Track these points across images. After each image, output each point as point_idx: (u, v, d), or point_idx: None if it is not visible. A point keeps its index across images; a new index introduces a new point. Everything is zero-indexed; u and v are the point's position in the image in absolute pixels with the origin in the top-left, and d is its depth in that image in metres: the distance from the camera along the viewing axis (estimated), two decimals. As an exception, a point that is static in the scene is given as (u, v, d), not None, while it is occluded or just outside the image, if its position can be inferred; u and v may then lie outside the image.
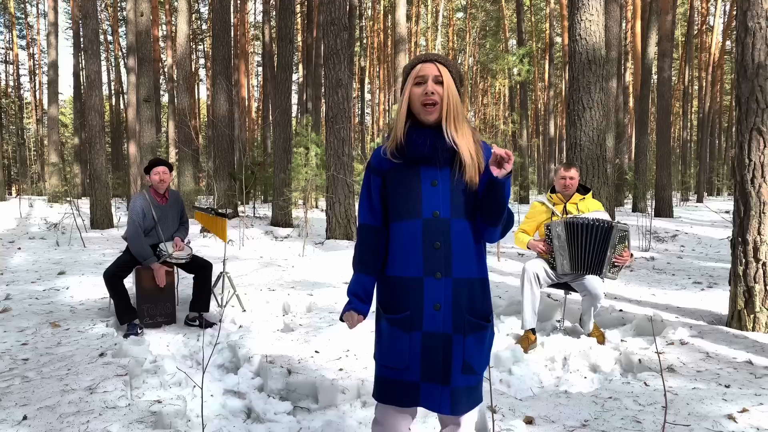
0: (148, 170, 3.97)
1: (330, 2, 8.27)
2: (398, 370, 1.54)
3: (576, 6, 6.18)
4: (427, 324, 1.52)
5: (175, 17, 22.87)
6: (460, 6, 38.32)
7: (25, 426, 2.27)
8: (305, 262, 6.59)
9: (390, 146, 1.58)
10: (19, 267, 6.25)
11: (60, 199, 17.87)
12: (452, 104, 1.52)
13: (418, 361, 1.52)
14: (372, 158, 1.64)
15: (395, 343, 1.54)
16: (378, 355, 1.60)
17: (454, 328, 1.52)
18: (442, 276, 1.51)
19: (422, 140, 1.52)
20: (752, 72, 3.58)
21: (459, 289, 1.53)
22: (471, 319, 1.55)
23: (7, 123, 34.69)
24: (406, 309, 1.54)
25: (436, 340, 1.52)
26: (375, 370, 1.63)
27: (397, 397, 1.55)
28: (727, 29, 29.71)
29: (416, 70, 1.54)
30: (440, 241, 1.52)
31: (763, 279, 3.57)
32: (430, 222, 1.52)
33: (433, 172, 1.54)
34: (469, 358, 1.54)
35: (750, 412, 2.39)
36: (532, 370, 3.15)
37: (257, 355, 3.14)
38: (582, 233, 3.42)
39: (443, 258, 1.52)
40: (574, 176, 3.68)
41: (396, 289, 1.56)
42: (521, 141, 23.26)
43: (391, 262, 1.59)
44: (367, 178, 1.65)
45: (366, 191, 1.66)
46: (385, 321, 1.57)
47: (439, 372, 1.52)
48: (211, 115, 14.15)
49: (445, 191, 1.53)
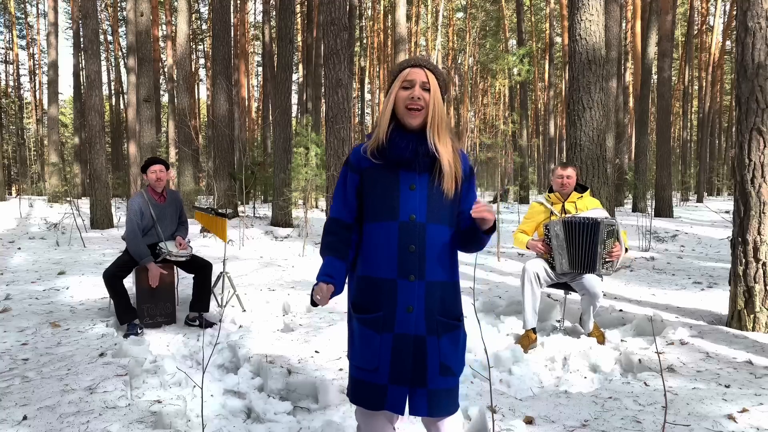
0: (144, 169, 3.98)
1: (330, 2, 8.27)
2: (368, 371, 1.54)
3: (576, 6, 6.18)
4: (399, 326, 1.52)
5: (175, 17, 22.87)
6: (460, 6, 38.32)
7: (25, 426, 2.27)
8: (305, 262, 6.59)
9: (371, 146, 1.58)
10: (19, 267, 6.25)
11: (60, 199, 17.88)
12: (437, 112, 1.54)
13: (387, 363, 1.52)
14: (351, 155, 1.64)
15: (366, 343, 1.55)
16: (350, 355, 1.61)
17: (427, 330, 1.53)
18: (415, 279, 1.52)
19: (405, 144, 1.53)
20: (752, 72, 3.58)
21: (432, 292, 1.54)
22: (443, 319, 1.56)
23: (7, 123, 34.69)
24: (378, 309, 1.54)
25: (407, 342, 1.52)
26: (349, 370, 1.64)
27: (366, 399, 1.55)
28: (727, 29, 29.71)
29: (404, 73, 1.55)
30: (415, 244, 1.52)
31: (763, 279, 3.57)
32: (407, 225, 1.53)
33: (412, 177, 1.55)
34: (445, 359, 1.55)
35: (750, 412, 2.39)
36: (532, 370, 3.15)
37: (257, 355, 3.14)
38: (579, 231, 3.43)
39: (417, 261, 1.52)
40: (571, 175, 3.69)
41: (369, 289, 1.57)
42: (521, 141, 23.25)
43: (364, 262, 1.60)
44: (344, 174, 1.64)
45: (342, 187, 1.65)
46: (356, 321, 1.58)
47: (408, 375, 1.52)
48: (211, 115, 14.16)
49: (423, 196, 1.54)
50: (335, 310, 4.23)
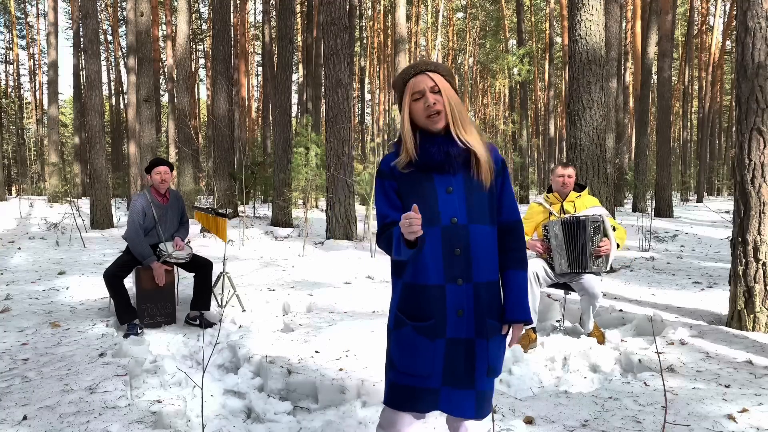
0: (149, 170, 3.98)
1: (330, 2, 8.27)
2: (420, 377, 1.53)
3: (576, 6, 6.18)
4: (451, 330, 1.52)
5: (175, 17, 22.86)
6: (460, 6, 38.31)
7: (25, 426, 2.27)
8: (305, 262, 6.59)
9: (403, 161, 1.55)
10: (19, 267, 6.25)
11: (60, 199, 17.87)
12: (455, 109, 1.52)
13: (440, 367, 1.52)
14: (382, 165, 1.61)
15: (419, 350, 1.53)
16: (398, 363, 1.57)
17: (476, 333, 1.52)
18: (463, 282, 1.51)
19: (435, 148, 1.51)
20: (752, 72, 3.58)
21: (480, 294, 1.53)
22: (492, 322, 1.55)
23: (7, 123, 34.69)
24: (430, 317, 1.52)
25: (459, 345, 1.52)
26: (389, 377, 1.60)
27: (416, 404, 1.54)
28: (727, 29, 29.70)
29: (410, 86, 1.53)
30: (460, 247, 1.51)
31: (763, 279, 3.57)
32: (449, 229, 1.51)
33: (447, 179, 1.54)
34: (493, 361, 1.56)
35: (750, 412, 2.39)
36: (532, 370, 3.15)
37: (257, 355, 3.14)
38: (575, 230, 3.45)
39: (464, 264, 1.51)
40: (572, 174, 3.70)
41: (419, 296, 1.54)
42: (521, 141, 23.25)
43: (410, 269, 1.56)
44: (381, 183, 1.61)
45: (382, 195, 1.60)
46: (411, 329, 1.54)
47: (461, 377, 1.52)
48: (211, 115, 14.15)
49: (461, 197, 1.53)
50: (335, 310, 4.23)
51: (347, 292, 4.89)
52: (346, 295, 4.75)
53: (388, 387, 1.60)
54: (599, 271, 3.51)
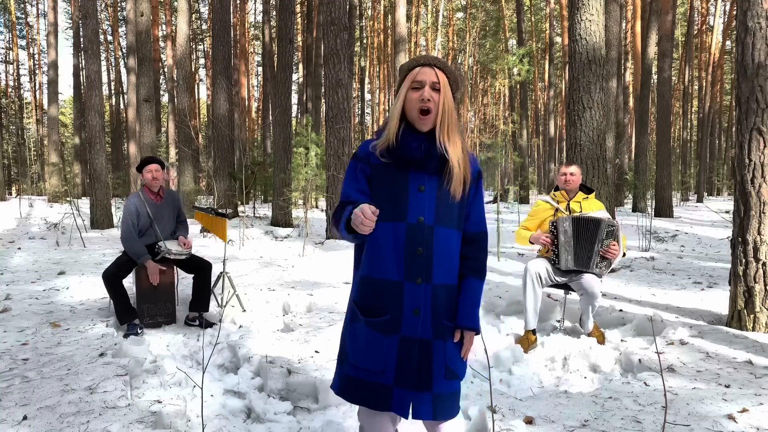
0: (140, 168, 3.97)
1: (330, 2, 8.27)
2: (373, 372, 1.52)
3: (576, 6, 6.18)
4: (406, 329, 1.51)
5: (175, 17, 22.86)
6: (460, 6, 38.31)
7: (25, 426, 2.27)
8: (305, 262, 6.59)
9: (381, 145, 1.55)
10: (19, 267, 6.25)
11: (60, 199, 17.87)
12: (447, 113, 1.51)
13: (393, 365, 1.51)
14: (360, 150, 1.60)
15: (372, 345, 1.52)
16: (351, 356, 1.57)
17: (434, 334, 1.52)
18: (422, 282, 1.50)
19: (416, 145, 1.51)
20: (752, 72, 3.58)
21: (438, 296, 1.52)
22: (449, 324, 1.55)
23: (7, 123, 34.69)
24: (385, 312, 1.52)
25: (413, 345, 1.51)
26: (343, 368, 1.59)
27: (367, 398, 1.53)
28: (727, 29, 29.70)
29: (414, 73, 1.52)
30: (423, 247, 1.50)
31: (763, 279, 3.57)
32: (414, 227, 1.51)
33: (422, 178, 1.53)
34: (452, 363, 1.54)
35: (750, 412, 2.39)
36: (532, 370, 3.15)
37: (257, 355, 3.14)
38: (588, 230, 3.45)
39: (424, 264, 1.51)
40: (574, 173, 3.70)
41: (374, 290, 1.54)
42: (521, 141, 23.25)
43: (370, 262, 1.56)
44: (354, 165, 1.60)
45: (352, 177, 1.59)
46: (363, 323, 1.55)
47: (414, 378, 1.50)
48: (211, 115, 14.15)
49: (431, 198, 1.52)
50: (335, 310, 4.23)
51: (347, 292, 4.89)
52: (346, 295, 4.75)
53: (340, 378, 1.59)
54: (600, 274, 3.51)
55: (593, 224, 3.44)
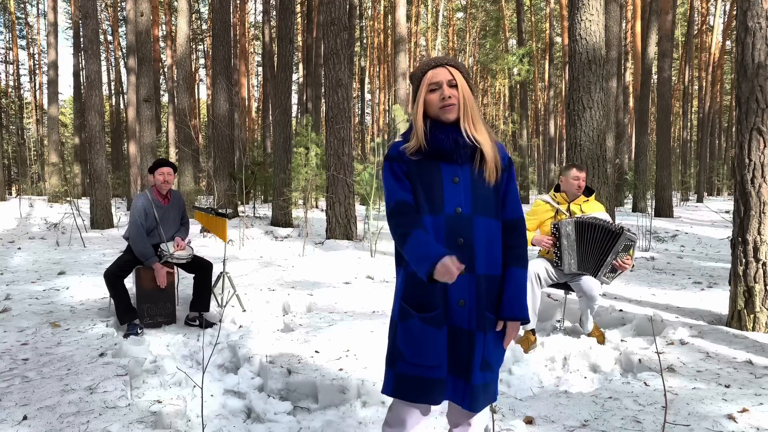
0: (152, 170, 3.99)
1: (330, 2, 8.27)
2: (430, 367, 1.54)
3: (576, 6, 6.18)
4: (453, 319, 1.53)
5: (175, 17, 22.86)
6: (460, 6, 38.31)
7: (25, 426, 2.27)
8: (305, 262, 6.59)
9: (412, 148, 1.57)
10: (19, 267, 6.25)
11: (60, 199, 17.87)
12: (469, 105, 1.54)
13: (446, 356, 1.54)
14: (391, 150, 1.61)
15: (428, 341, 1.53)
16: (407, 354, 1.56)
17: (477, 325, 1.53)
18: (465, 272, 1.52)
19: (444, 136, 1.53)
20: (752, 72, 3.58)
21: (481, 286, 1.54)
22: (490, 315, 1.56)
23: (7, 123, 34.69)
24: (436, 306, 1.54)
25: (462, 335, 1.53)
26: (397, 368, 1.58)
27: (427, 395, 1.54)
28: (727, 29, 29.70)
29: (428, 77, 1.54)
30: (463, 237, 1.52)
31: (763, 279, 3.57)
32: (453, 218, 1.53)
33: (454, 169, 1.55)
34: (489, 355, 1.56)
35: (750, 412, 2.39)
36: (532, 370, 3.15)
37: (257, 355, 3.14)
38: (592, 234, 3.43)
39: (467, 254, 1.52)
40: (584, 178, 3.71)
41: (423, 286, 1.55)
42: (521, 141, 23.25)
43: None
44: (389, 166, 1.59)
45: (391, 177, 1.58)
46: (418, 320, 1.55)
47: (463, 367, 1.53)
48: (211, 115, 14.15)
49: (467, 188, 1.54)
50: (335, 310, 4.23)
51: (347, 292, 4.89)
52: (346, 295, 4.75)
53: (396, 379, 1.58)
54: (607, 282, 3.50)
55: (608, 232, 3.40)
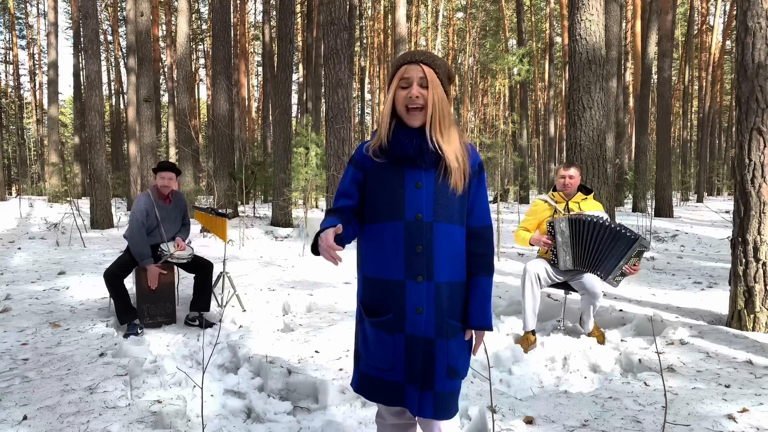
0: (156, 171, 3.99)
1: (330, 2, 8.27)
2: (385, 370, 1.54)
3: (576, 6, 6.18)
4: (410, 327, 1.51)
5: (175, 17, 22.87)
6: (460, 6, 38.31)
7: (25, 426, 2.27)
8: (305, 262, 6.59)
9: (374, 145, 1.55)
10: (19, 267, 6.25)
11: (60, 199, 17.87)
12: (437, 108, 1.48)
13: (402, 362, 1.52)
14: (356, 153, 1.60)
15: (380, 344, 1.54)
16: (364, 355, 1.59)
17: (436, 332, 1.51)
18: (423, 279, 1.49)
19: (408, 141, 1.49)
20: (752, 72, 3.58)
21: (441, 293, 1.51)
22: (453, 322, 1.54)
23: (7, 123, 34.69)
24: (388, 311, 1.52)
25: (418, 343, 1.51)
26: (359, 366, 1.62)
27: (382, 396, 1.56)
28: (727, 29, 29.70)
29: (401, 72, 1.50)
30: (422, 244, 1.49)
31: (763, 279, 3.57)
32: (413, 225, 1.49)
33: (418, 174, 1.51)
34: (454, 362, 1.54)
35: (750, 412, 2.39)
36: (532, 370, 3.15)
37: (257, 355, 3.14)
38: (585, 230, 3.43)
39: (425, 261, 1.49)
40: (573, 175, 3.69)
41: (377, 290, 1.54)
42: (521, 141, 23.24)
43: (371, 263, 1.56)
44: (349, 171, 1.62)
45: (346, 180, 1.61)
46: (369, 323, 1.56)
47: (418, 376, 1.51)
48: (211, 115, 14.15)
49: (429, 194, 1.50)
50: (335, 310, 4.23)
51: (347, 292, 4.89)
52: (346, 295, 4.75)
53: (359, 376, 1.62)
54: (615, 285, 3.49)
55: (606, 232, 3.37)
